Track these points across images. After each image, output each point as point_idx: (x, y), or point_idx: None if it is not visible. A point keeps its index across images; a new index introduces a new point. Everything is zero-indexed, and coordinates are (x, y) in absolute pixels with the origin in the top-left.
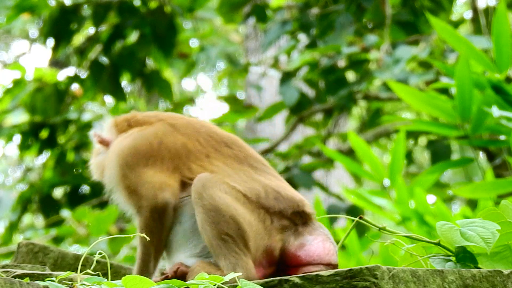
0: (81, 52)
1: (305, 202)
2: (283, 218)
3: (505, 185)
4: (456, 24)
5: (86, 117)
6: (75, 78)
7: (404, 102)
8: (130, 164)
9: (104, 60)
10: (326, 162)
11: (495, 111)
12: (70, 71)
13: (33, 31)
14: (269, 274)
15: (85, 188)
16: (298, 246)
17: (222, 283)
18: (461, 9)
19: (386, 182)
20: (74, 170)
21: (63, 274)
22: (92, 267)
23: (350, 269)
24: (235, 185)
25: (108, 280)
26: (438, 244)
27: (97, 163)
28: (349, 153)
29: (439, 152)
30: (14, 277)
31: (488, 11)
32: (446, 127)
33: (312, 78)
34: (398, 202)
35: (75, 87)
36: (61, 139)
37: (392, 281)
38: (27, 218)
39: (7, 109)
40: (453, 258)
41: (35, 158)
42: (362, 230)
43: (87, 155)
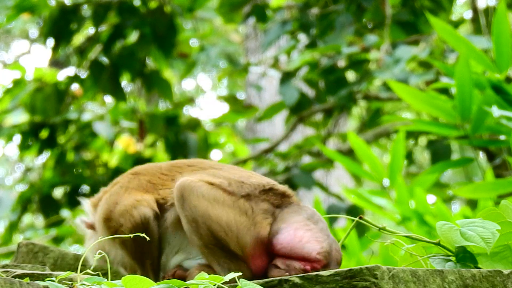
0: (81, 52)
1: (274, 182)
2: (259, 201)
3: (505, 185)
4: (456, 24)
5: (86, 117)
6: (75, 78)
7: (404, 102)
8: (108, 217)
9: (104, 60)
10: (326, 162)
11: (495, 111)
12: (70, 71)
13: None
14: (270, 257)
15: (85, 188)
16: (273, 232)
17: (222, 283)
18: (461, 9)
19: (386, 182)
20: (74, 170)
21: (63, 274)
22: (92, 267)
23: (350, 269)
24: (208, 179)
25: (108, 280)
26: (438, 244)
27: (92, 246)
28: (349, 153)
29: (439, 152)
30: (14, 277)
31: (488, 11)
32: (446, 127)
33: (312, 78)
34: (398, 202)
35: (75, 87)
36: (61, 139)
37: (392, 281)
38: (27, 218)
39: (7, 109)
40: (453, 258)
41: (35, 158)
42: (362, 230)
43: (87, 155)
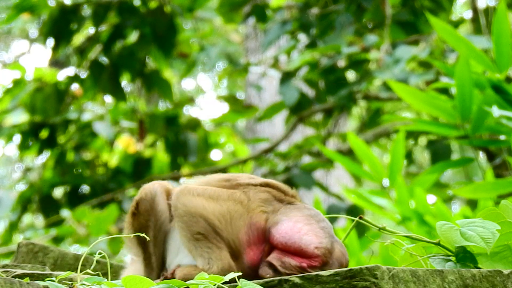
0: (81, 52)
1: (279, 182)
2: (259, 192)
3: (505, 185)
4: (456, 24)
5: (86, 117)
6: (75, 78)
7: (404, 102)
8: None
9: (104, 60)
10: (326, 162)
11: (495, 111)
12: (70, 71)
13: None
14: (268, 250)
15: (85, 188)
16: (273, 223)
17: (222, 283)
18: (461, 9)
19: (386, 182)
20: (74, 170)
21: (63, 274)
22: (92, 267)
23: (350, 269)
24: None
25: (108, 280)
26: (438, 244)
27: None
28: (349, 153)
29: (439, 152)
30: (14, 277)
31: (488, 11)
32: (446, 127)
33: (312, 78)
34: (398, 202)
35: (75, 87)
36: (61, 139)
37: (392, 281)
38: (27, 218)
39: (7, 109)
40: (453, 258)
41: (35, 158)
42: (362, 230)
43: (87, 155)
